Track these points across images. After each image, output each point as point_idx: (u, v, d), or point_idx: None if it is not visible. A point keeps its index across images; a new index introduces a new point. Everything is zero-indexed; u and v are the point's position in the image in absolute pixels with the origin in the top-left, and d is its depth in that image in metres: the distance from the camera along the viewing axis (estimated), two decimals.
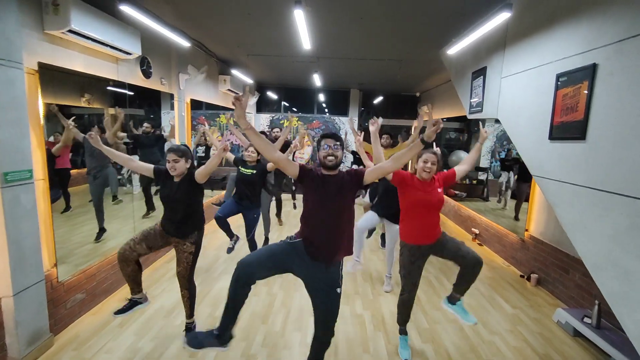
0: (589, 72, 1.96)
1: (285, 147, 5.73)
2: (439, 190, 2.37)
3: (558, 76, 2.24)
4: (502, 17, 2.53)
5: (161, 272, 3.76)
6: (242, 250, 4.54)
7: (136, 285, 2.57)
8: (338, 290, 1.97)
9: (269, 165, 4.03)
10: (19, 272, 2.25)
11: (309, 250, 1.93)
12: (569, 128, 2.12)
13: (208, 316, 3.01)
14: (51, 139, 3.32)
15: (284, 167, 1.92)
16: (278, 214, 5.96)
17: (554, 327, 3.08)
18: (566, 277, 3.47)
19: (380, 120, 2.40)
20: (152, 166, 2.48)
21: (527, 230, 4.18)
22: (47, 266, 2.55)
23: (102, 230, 3.52)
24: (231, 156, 3.63)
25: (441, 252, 2.46)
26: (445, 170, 2.52)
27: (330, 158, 1.88)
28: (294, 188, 7.16)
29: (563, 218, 2.15)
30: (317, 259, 1.93)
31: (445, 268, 4.23)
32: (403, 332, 2.66)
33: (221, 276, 3.83)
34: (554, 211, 2.26)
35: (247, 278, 1.89)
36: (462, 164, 2.52)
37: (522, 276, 4.13)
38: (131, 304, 2.57)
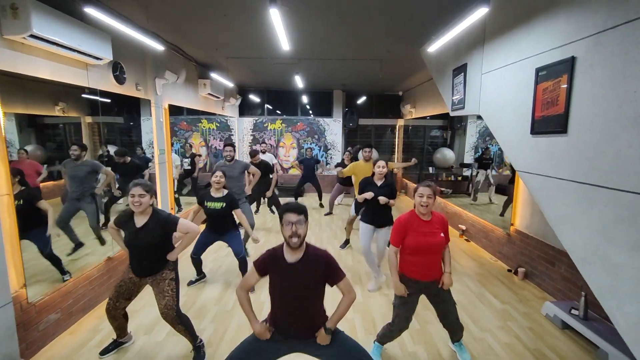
0: (568, 65, 1.96)
1: (266, 170, 5.61)
2: (441, 234, 2.27)
3: (537, 70, 2.23)
4: (480, 13, 2.52)
5: None
6: (234, 266, 4.44)
7: (122, 332, 2.61)
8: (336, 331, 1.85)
9: (252, 169, 4.08)
10: None
11: (282, 333, 1.83)
12: (550, 122, 2.12)
13: None
14: (29, 148, 3.16)
15: (250, 287, 1.90)
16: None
17: (543, 320, 3.09)
18: (552, 270, 3.50)
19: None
20: (114, 225, 2.45)
21: (512, 224, 4.21)
22: (15, 287, 2.38)
23: (77, 245, 3.35)
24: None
25: (434, 300, 2.39)
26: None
27: (294, 239, 1.69)
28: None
29: (548, 213, 2.14)
30: (294, 338, 1.84)
31: None
32: (382, 343, 2.57)
33: (205, 286, 3.70)
34: (539, 206, 2.25)
35: None
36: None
37: (509, 270, 4.15)
38: (116, 344, 2.62)
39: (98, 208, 3.57)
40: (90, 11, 2.51)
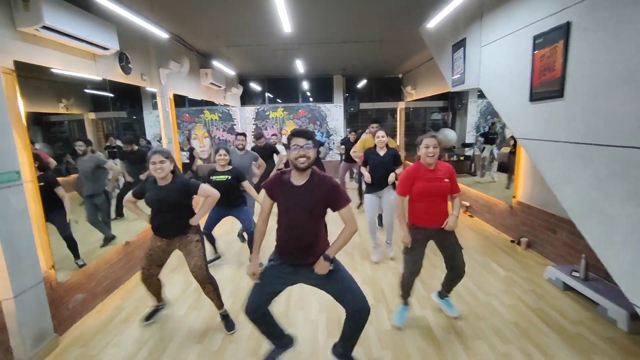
0: (564, 31, 2.03)
1: (272, 152, 5.59)
2: (445, 180, 2.38)
3: (534, 38, 2.30)
4: None
5: None
6: (245, 248, 4.57)
7: (160, 297, 2.80)
8: (331, 266, 1.87)
9: (260, 161, 4.01)
10: (16, 274, 2.24)
11: (285, 258, 1.92)
12: (547, 88, 2.20)
13: (212, 304, 3.03)
14: (37, 146, 3.24)
15: (268, 213, 2.00)
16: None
17: (545, 284, 3.22)
18: (554, 237, 3.61)
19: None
20: (131, 197, 2.57)
21: (514, 197, 4.31)
22: (44, 268, 2.53)
23: (110, 238, 3.46)
24: (205, 167, 3.57)
25: (441, 246, 2.52)
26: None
27: (301, 160, 1.73)
28: None
29: (547, 175, 2.24)
30: (296, 263, 1.91)
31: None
32: (405, 303, 2.70)
33: (220, 267, 3.85)
34: (539, 169, 2.35)
35: (260, 312, 1.98)
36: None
37: (512, 241, 4.28)
38: (156, 310, 2.82)
39: (109, 202, 3.68)
40: (100, 0, 2.58)
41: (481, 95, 6.62)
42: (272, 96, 9.49)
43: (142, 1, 3.49)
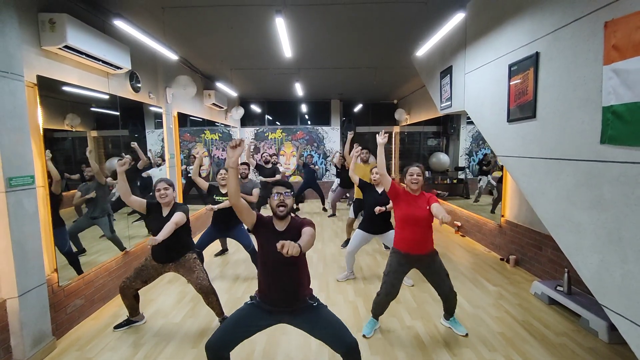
0: (534, 60, 2.28)
1: (274, 174, 5.92)
2: (427, 207, 2.46)
3: (510, 66, 2.56)
4: (458, 18, 2.87)
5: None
6: (240, 263, 4.66)
7: (134, 311, 2.88)
8: (315, 304, 1.96)
9: (255, 191, 3.94)
10: (23, 274, 2.34)
11: (268, 301, 1.94)
12: (522, 110, 2.43)
13: (207, 313, 3.10)
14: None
15: (242, 213, 1.89)
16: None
17: (531, 298, 3.33)
18: (540, 254, 3.75)
19: (384, 139, 2.59)
20: (144, 200, 2.68)
21: (503, 216, 4.48)
22: (47, 271, 2.63)
23: (80, 251, 3.38)
24: (205, 184, 3.68)
25: (426, 272, 2.62)
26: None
27: (281, 208, 1.88)
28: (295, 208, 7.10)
29: (524, 188, 2.42)
30: (279, 307, 1.94)
31: None
32: (375, 318, 2.79)
33: (216, 279, 3.92)
34: (517, 184, 2.54)
35: (220, 354, 1.87)
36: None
37: (501, 259, 4.40)
38: (128, 322, 2.91)
39: (111, 221, 3.75)
40: (119, 24, 2.84)
41: (470, 122, 6.91)
42: (271, 118, 9.81)
43: (156, 26, 3.78)
